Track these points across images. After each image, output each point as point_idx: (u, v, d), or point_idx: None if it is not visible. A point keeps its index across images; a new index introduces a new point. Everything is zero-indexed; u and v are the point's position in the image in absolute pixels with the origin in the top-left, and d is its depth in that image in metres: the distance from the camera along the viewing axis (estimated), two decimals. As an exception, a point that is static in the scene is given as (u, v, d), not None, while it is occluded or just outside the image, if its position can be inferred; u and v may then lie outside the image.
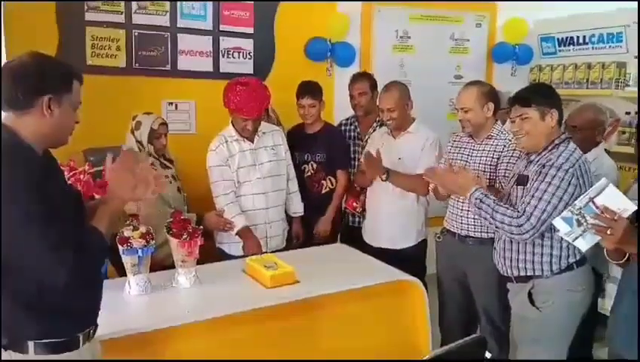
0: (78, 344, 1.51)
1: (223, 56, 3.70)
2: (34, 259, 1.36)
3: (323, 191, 3.27)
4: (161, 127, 2.75)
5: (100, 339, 1.68)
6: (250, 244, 2.72)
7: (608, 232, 1.72)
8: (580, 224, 1.80)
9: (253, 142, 2.86)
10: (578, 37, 4.35)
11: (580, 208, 1.78)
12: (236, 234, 2.74)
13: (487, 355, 1.87)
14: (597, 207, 1.75)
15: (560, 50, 4.52)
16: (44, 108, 1.43)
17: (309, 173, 3.25)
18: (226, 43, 3.70)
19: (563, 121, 2.34)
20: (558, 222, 1.86)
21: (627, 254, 1.83)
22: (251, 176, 2.84)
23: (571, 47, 4.41)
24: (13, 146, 1.41)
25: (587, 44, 4.29)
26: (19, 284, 1.41)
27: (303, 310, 2.26)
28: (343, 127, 3.50)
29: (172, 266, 2.50)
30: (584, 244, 1.84)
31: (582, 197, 1.82)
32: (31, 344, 1.43)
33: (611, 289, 2.32)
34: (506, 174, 2.53)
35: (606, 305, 2.32)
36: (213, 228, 2.72)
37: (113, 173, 1.58)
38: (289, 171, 3.03)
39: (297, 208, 3.10)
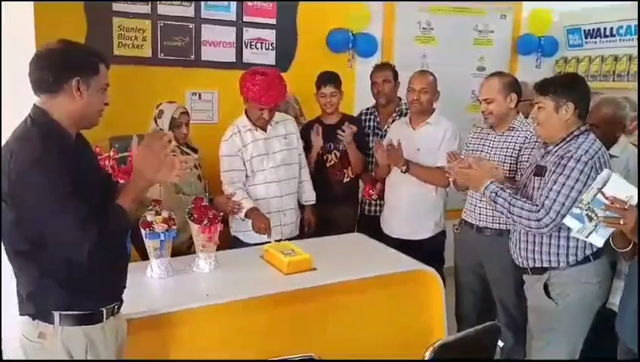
0: (102, 318, 1.58)
1: (246, 46, 3.75)
2: (61, 234, 1.44)
3: (345, 180, 3.31)
4: (182, 115, 2.80)
5: (125, 318, 1.76)
6: (259, 221, 2.71)
7: (621, 222, 1.70)
8: (590, 219, 1.78)
9: (266, 131, 2.89)
10: (605, 28, 4.27)
11: (588, 203, 1.76)
12: (245, 216, 2.76)
13: (500, 344, 1.88)
14: (606, 198, 1.73)
15: (586, 42, 4.45)
16: (74, 90, 1.50)
17: (332, 163, 3.28)
18: (248, 34, 3.74)
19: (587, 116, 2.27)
20: (568, 221, 1.84)
21: (632, 243, 1.80)
22: (265, 165, 2.87)
23: (598, 38, 4.34)
24: (46, 126, 1.49)
25: (614, 35, 4.21)
26: (47, 257, 1.49)
27: (318, 296, 2.29)
28: (362, 117, 3.53)
29: (187, 252, 2.57)
30: (599, 240, 1.82)
31: (588, 191, 1.79)
32: (56, 314, 1.51)
33: (617, 283, 2.26)
34: (527, 166, 2.52)
35: (615, 300, 2.28)
36: (223, 209, 2.70)
37: (139, 154, 1.63)
38: (301, 160, 3.06)
39: (309, 196, 3.13)
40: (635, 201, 1.69)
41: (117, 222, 1.54)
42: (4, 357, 1.72)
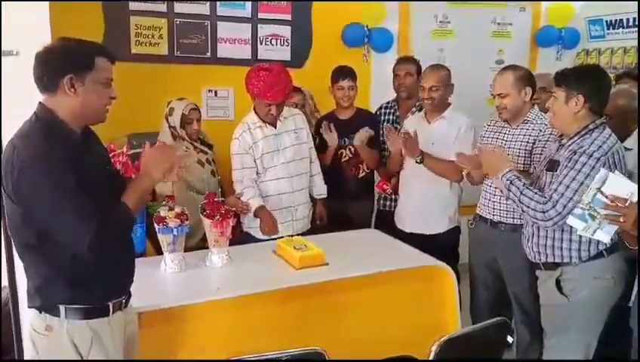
0: (108, 312, 1.61)
1: (261, 43, 3.76)
2: (63, 230, 1.47)
3: (360, 175, 3.30)
4: (192, 112, 2.82)
5: (136, 311, 1.80)
6: (266, 222, 2.74)
7: (621, 220, 1.70)
8: (593, 218, 1.79)
9: (275, 127, 2.89)
10: (628, 19, 4.17)
11: (589, 203, 1.77)
12: (254, 215, 2.78)
13: (510, 340, 1.86)
14: (606, 197, 1.73)
15: (608, 33, 4.35)
16: (67, 87, 1.51)
17: (347, 158, 3.27)
18: (263, 30, 3.76)
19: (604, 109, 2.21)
20: (572, 221, 1.86)
21: None
22: (276, 161, 2.88)
23: (620, 29, 4.24)
24: (49, 123, 1.52)
25: (637, 26, 4.10)
26: (53, 252, 1.52)
27: (330, 292, 2.30)
28: (382, 110, 3.51)
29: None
30: (605, 236, 1.83)
31: (587, 191, 1.80)
32: (62, 308, 1.54)
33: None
34: (541, 160, 2.49)
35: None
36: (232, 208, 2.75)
37: (150, 153, 1.68)
38: (311, 153, 3.05)
39: (321, 190, 3.12)
40: (635, 198, 1.68)
41: (120, 219, 1.56)
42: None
